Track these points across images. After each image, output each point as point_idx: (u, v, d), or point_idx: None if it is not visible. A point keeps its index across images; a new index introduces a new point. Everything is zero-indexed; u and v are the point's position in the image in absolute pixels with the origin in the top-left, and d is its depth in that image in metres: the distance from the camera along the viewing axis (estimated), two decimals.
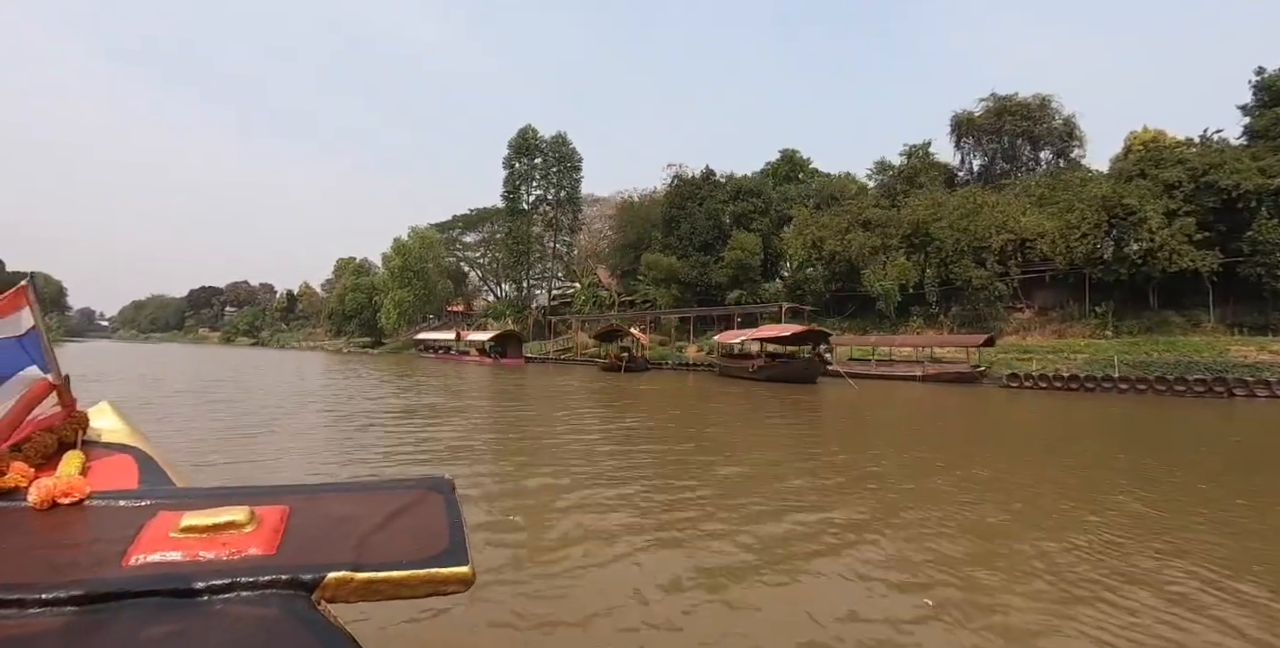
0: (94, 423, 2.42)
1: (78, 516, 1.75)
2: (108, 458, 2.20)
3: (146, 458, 2.24)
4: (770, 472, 7.75)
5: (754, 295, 37.94)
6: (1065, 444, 10.74)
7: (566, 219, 52.90)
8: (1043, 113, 37.01)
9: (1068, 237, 27.86)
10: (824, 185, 41.09)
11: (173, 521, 1.59)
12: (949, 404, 17.26)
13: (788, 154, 45.68)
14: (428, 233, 60.29)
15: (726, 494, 6.51)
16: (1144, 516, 5.89)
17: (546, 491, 6.56)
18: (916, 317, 32.24)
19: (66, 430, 2.25)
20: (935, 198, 33.12)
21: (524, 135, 51.33)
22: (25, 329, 2.17)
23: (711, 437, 11.20)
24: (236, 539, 1.51)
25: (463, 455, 8.61)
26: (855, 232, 33.51)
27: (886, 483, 7.15)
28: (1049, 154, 38.31)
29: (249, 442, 9.29)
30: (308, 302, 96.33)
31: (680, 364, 31.89)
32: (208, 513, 1.59)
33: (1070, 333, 28.65)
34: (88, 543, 1.59)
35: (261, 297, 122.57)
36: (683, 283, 39.59)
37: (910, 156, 39.60)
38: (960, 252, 30.58)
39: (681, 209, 40.64)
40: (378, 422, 11.96)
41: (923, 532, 5.26)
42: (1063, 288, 30.57)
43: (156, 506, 1.76)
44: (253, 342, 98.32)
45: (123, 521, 1.68)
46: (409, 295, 57.88)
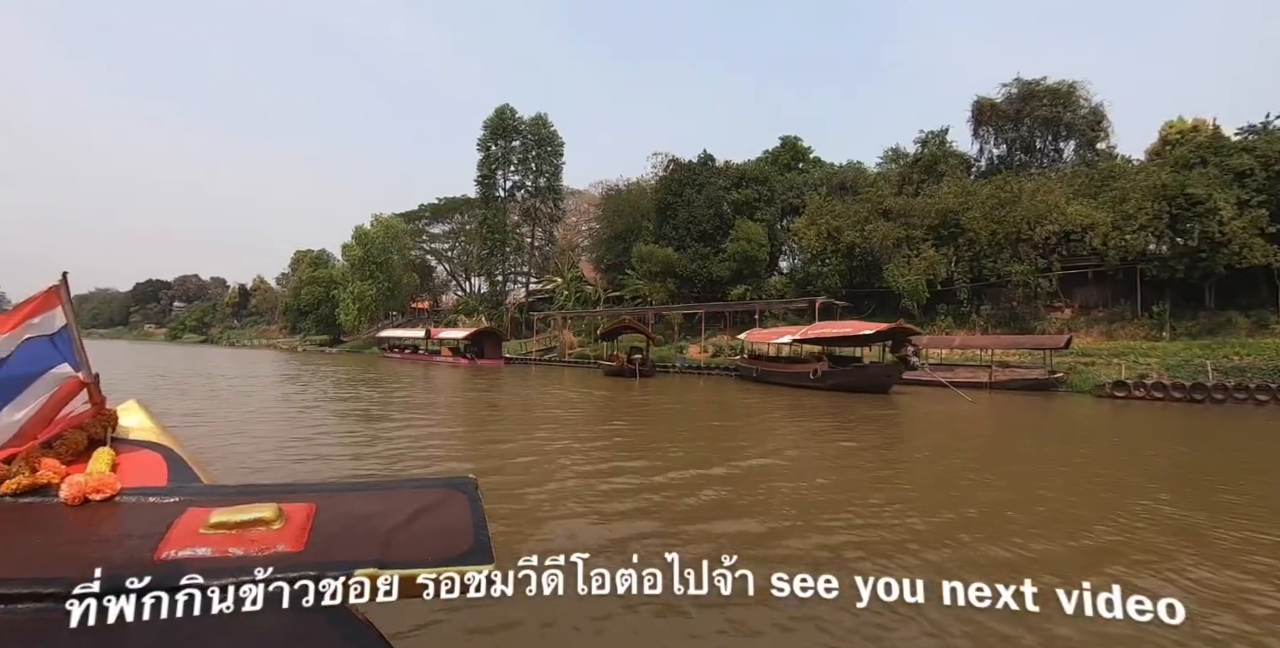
0: (122, 421, 2.53)
1: (109, 511, 1.84)
2: (136, 455, 2.30)
3: (174, 455, 2.35)
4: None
5: (758, 291, 34.44)
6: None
7: (547, 208, 48.63)
8: (1070, 99, 34.30)
9: (1122, 229, 24.94)
10: (833, 173, 37.78)
11: (202, 517, 1.67)
12: (1076, 422, 13.85)
13: (789, 141, 42.26)
14: (392, 222, 55.21)
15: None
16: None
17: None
18: (944, 315, 29.06)
19: (96, 428, 2.38)
20: (965, 186, 30.05)
21: (502, 115, 46.93)
22: (58, 328, 2.24)
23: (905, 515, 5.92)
24: (265, 536, 1.57)
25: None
26: (876, 221, 30.24)
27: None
28: (1073, 145, 35.66)
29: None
30: (262, 297, 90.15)
31: (690, 367, 27.96)
32: (236, 510, 1.67)
33: (1120, 334, 25.76)
34: (119, 538, 1.67)
35: (213, 291, 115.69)
36: (679, 277, 35.86)
37: (925, 144, 36.57)
38: (996, 244, 27.52)
39: (678, 196, 36.88)
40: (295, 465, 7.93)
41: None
42: (1106, 285, 27.74)
43: (185, 502, 1.84)
44: (201, 339, 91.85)
45: (153, 516, 1.75)
46: (370, 288, 52.75)
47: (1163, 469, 9.08)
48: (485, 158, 47.38)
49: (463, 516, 1.69)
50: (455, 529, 1.62)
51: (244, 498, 1.79)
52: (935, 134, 36.45)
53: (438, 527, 1.65)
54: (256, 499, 1.74)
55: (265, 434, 9.91)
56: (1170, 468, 9.20)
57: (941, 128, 36.29)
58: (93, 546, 1.59)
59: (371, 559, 1.43)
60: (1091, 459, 9.31)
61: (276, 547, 1.50)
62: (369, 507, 1.77)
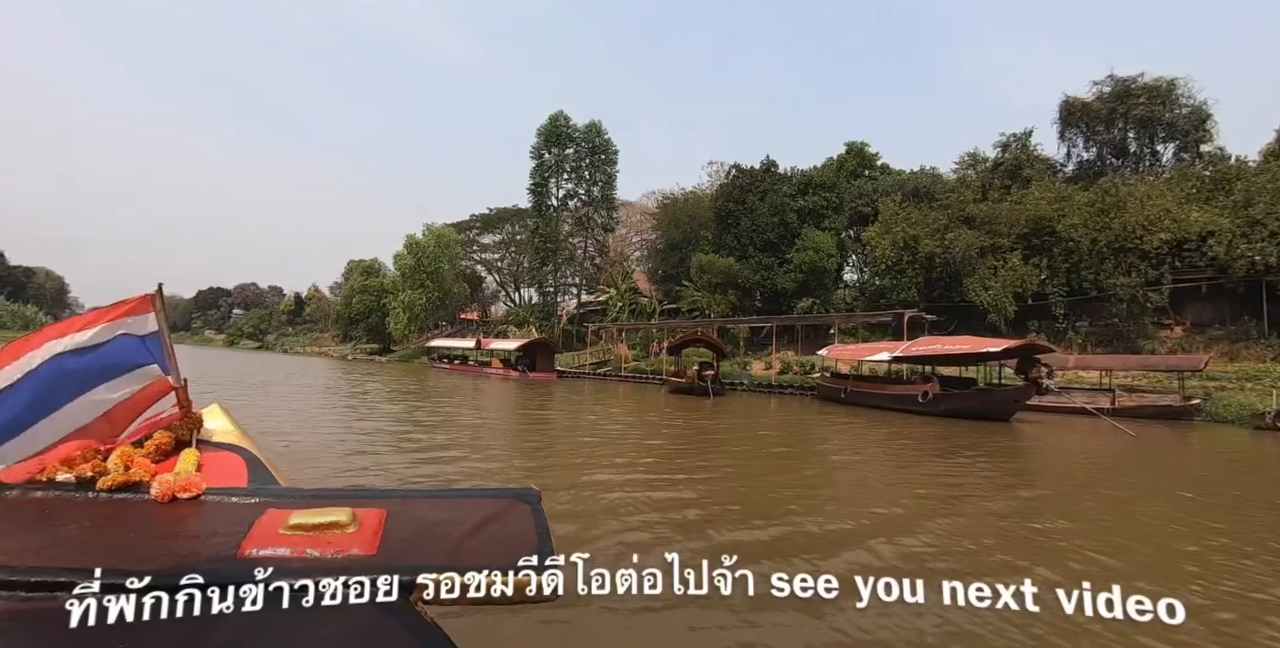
0: (206, 423, 2.68)
1: (195, 509, 1.93)
2: (219, 456, 2.43)
3: (254, 458, 2.48)
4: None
5: (826, 304, 32.44)
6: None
7: (600, 217, 47.52)
8: (1170, 97, 31.45)
9: (1250, 237, 22.28)
10: (905, 180, 35.60)
11: (281, 518, 1.75)
12: (1263, 465, 11.53)
13: (855, 147, 40.14)
14: (444, 231, 54.96)
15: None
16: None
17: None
18: (1037, 332, 26.54)
19: (183, 430, 2.53)
20: (1060, 191, 27.61)
21: (555, 122, 46.12)
22: (149, 331, 2.45)
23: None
24: (340, 539, 1.64)
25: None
26: (958, 230, 28.02)
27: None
28: (1172, 148, 32.69)
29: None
30: (316, 305, 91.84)
31: (760, 385, 26.08)
32: (313, 513, 1.74)
33: (1245, 356, 22.95)
34: (206, 535, 1.75)
35: (270, 299, 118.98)
36: (741, 288, 34.10)
37: (1007, 148, 34.06)
38: (1098, 254, 25.04)
39: (740, 203, 35.20)
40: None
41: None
42: (1223, 300, 24.92)
43: (265, 503, 1.93)
44: (257, 345, 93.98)
45: (236, 516, 1.83)
46: (420, 297, 52.35)
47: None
48: (538, 166, 46.59)
49: (527, 526, 1.73)
50: (520, 539, 1.66)
51: (320, 502, 1.86)
52: (1018, 137, 33.89)
53: (503, 536, 1.69)
54: (332, 503, 1.80)
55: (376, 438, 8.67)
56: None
57: (1025, 130, 33.73)
58: (181, 541, 1.69)
59: (440, 564, 1.49)
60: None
61: (351, 549, 1.56)
62: (437, 514, 1.84)
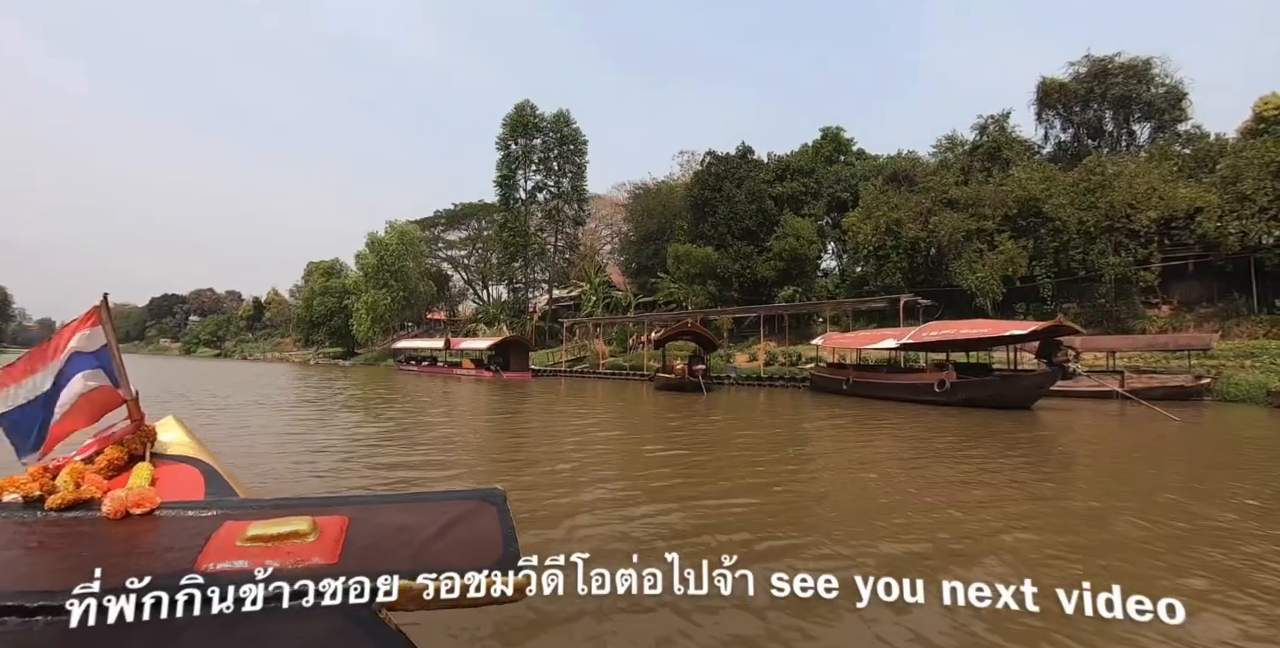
0: (160, 436, 2.56)
1: (149, 525, 1.86)
2: (175, 469, 2.33)
3: (210, 469, 2.38)
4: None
5: (809, 292, 31.50)
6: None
7: (571, 210, 45.97)
8: (1147, 76, 31.16)
9: (1240, 213, 21.83)
10: (884, 165, 34.82)
11: (239, 530, 1.68)
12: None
13: (830, 133, 39.23)
14: (407, 228, 52.77)
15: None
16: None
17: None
18: (1024, 315, 25.93)
19: (136, 443, 2.42)
20: (1046, 170, 27.00)
21: (521, 112, 44.38)
22: (98, 346, 2.33)
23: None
24: (300, 548, 1.58)
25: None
26: (942, 213, 27.25)
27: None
28: (1148, 127, 32.44)
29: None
30: (276, 309, 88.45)
31: (748, 378, 24.87)
32: (272, 523, 1.68)
33: (1237, 333, 22.53)
34: (160, 551, 1.69)
35: (227, 304, 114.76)
36: (720, 278, 32.96)
37: (985, 130, 33.48)
38: (1086, 234, 24.46)
39: (717, 191, 34.03)
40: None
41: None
42: (1211, 278, 24.58)
43: (223, 516, 1.85)
44: (215, 353, 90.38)
45: (191, 530, 1.76)
46: (385, 297, 50.14)
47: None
48: (505, 157, 44.83)
49: (492, 527, 1.69)
50: (486, 541, 1.62)
51: (279, 511, 1.80)
52: (995, 118, 33.35)
53: (468, 538, 1.65)
54: (291, 512, 1.75)
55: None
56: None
57: (1003, 111, 33.19)
58: (135, 558, 1.61)
59: (403, 569, 1.44)
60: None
61: (311, 559, 1.52)
62: (401, 519, 1.77)
